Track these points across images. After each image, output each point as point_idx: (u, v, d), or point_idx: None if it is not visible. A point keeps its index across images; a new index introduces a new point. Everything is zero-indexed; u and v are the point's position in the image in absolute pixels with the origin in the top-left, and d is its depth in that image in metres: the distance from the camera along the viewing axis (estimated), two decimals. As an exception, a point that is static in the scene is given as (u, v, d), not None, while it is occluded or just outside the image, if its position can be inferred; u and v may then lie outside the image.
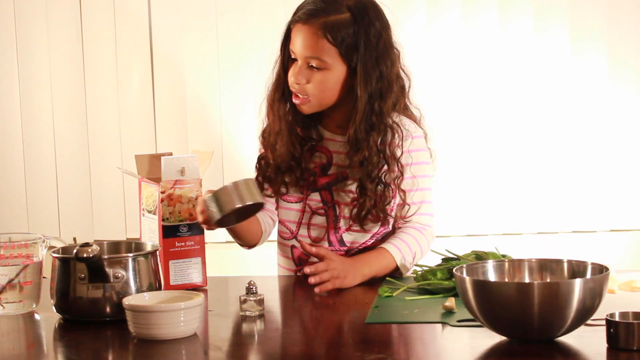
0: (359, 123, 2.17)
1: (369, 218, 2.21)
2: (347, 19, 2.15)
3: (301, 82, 2.17)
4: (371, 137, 2.18)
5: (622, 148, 3.25)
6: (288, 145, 2.23)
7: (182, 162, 2.11)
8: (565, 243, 3.27)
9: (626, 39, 3.22)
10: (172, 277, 2.09)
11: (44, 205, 3.32)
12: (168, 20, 3.27)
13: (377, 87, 2.17)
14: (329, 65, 2.16)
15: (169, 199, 2.09)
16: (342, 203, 2.25)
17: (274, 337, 1.75)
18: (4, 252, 1.92)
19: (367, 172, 2.19)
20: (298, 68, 2.18)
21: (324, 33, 2.14)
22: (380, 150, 2.18)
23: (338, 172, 2.25)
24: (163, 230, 2.09)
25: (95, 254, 1.79)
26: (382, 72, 2.18)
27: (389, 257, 2.18)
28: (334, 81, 2.18)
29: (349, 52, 2.15)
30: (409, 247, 2.20)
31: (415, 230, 2.24)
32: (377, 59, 2.17)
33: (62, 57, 3.28)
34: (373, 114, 2.17)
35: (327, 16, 2.14)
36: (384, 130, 2.19)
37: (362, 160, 2.18)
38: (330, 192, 2.26)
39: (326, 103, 2.21)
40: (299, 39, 2.16)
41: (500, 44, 3.23)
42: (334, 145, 2.26)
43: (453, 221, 3.27)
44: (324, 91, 2.18)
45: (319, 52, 2.15)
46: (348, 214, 2.24)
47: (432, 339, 1.71)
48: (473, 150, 3.26)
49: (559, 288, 1.55)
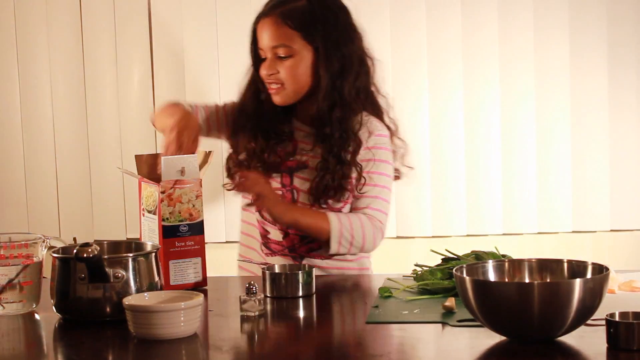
0: (322, 100, 2.28)
1: (328, 193, 2.28)
2: (304, 4, 2.28)
3: (273, 71, 2.29)
4: (333, 114, 2.28)
5: (622, 148, 3.24)
6: (251, 142, 2.34)
7: (182, 162, 2.11)
8: (565, 243, 3.27)
9: (626, 40, 3.22)
10: (172, 277, 2.09)
11: (44, 205, 3.32)
12: (168, 20, 3.27)
13: (339, 66, 2.28)
14: (295, 50, 2.27)
15: (169, 199, 2.09)
16: (300, 190, 2.32)
17: (274, 337, 1.75)
18: (4, 252, 1.92)
19: (328, 147, 2.28)
20: (268, 61, 2.30)
21: (284, 20, 2.27)
22: (341, 127, 2.28)
23: (300, 160, 2.34)
24: (163, 230, 2.09)
25: (95, 254, 1.79)
26: (342, 52, 2.29)
27: (325, 221, 2.24)
28: (304, 66, 2.29)
29: (311, 34, 2.27)
30: (351, 225, 2.25)
31: (365, 217, 2.29)
32: (337, 40, 2.28)
33: (62, 57, 3.28)
34: (335, 90, 2.28)
35: (286, 5, 2.28)
36: (345, 107, 2.29)
37: (324, 136, 2.28)
38: (290, 176, 2.34)
39: (300, 91, 2.31)
40: (263, 33, 2.29)
41: (500, 45, 3.23)
42: (300, 135, 2.36)
43: (453, 221, 3.27)
44: (295, 77, 2.29)
45: (283, 39, 2.27)
46: (305, 200, 2.31)
47: (432, 339, 1.71)
48: (473, 150, 3.26)
49: (559, 288, 1.55)
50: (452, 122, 3.26)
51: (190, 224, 2.12)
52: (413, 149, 3.30)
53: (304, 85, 2.30)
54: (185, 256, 2.11)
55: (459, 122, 3.26)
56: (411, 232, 3.30)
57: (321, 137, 2.30)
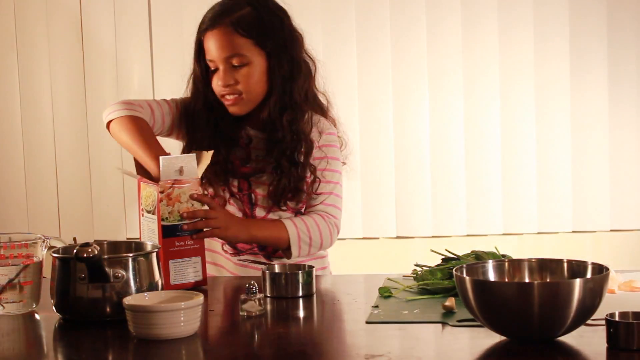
0: (273, 105, 2.29)
1: (286, 196, 2.30)
2: (250, 11, 2.28)
3: (229, 82, 2.28)
4: (284, 117, 2.30)
5: (622, 148, 3.24)
6: (213, 154, 2.28)
7: (180, 161, 2.11)
8: (565, 243, 3.27)
9: (626, 40, 3.22)
10: (172, 276, 2.09)
11: (44, 205, 3.32)
12: (168, 20, 3.27)
13: (289, 70, 2.30)
14: (249, 58, 2.27)
15: (168, 199, 2.09)
16: (259, 194, 2.34)
17: (274, 337, 1.75)
18: (4, 252, 1.92)
19: (281, 150, 2.29)
20: (222, 72, 2.29)
21: (235, 29, 2.26)
22: (292, 130, 2.30)
23: (256, 166, 2.35)
24: (162, 230, 2.09)
25: (95, 254, 1.79)
26: (291, 55, 2.31)
27: (282, 229, 2.26)
28: (259, 72, 2.29)
29: (262, 40, 2.28)
30: (307, 227, 2.28)
31: (318, 216, 2.31)
32: (285, 43, 2.30)
33: (62, 57, 3.28)
34: (285, 94, 2.30)
35: (232, 14, 2.27)
36: (295, 110, 2.31)
37: (276, 140, 2.29)
38: (247, 181, 2.35)
39: (257, 98, 2.32)
40: (214, 45, 2.28)
41: (501, 45, 3.23)
42: (253, 141, 2.36)
43: (453, 221, 3.27)
44: (253, 84, 2.29)
45: (237, 49, 2.27)
46: (264, 204, 2.33)
47: (432, 339, 1.71)
48: (473, 151, 3.26)
49: (559, 288, 1.55)
50: (452, 122, 3.27)
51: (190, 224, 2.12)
52: (413, 150, 3.32)
53: (261, 92, 2.31)
54: (185, 255, 2.11)
55: (459, 123, 3.26)
56: (411, 232, 3.30)
57: (273, 142, 2.31)
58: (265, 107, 2.31)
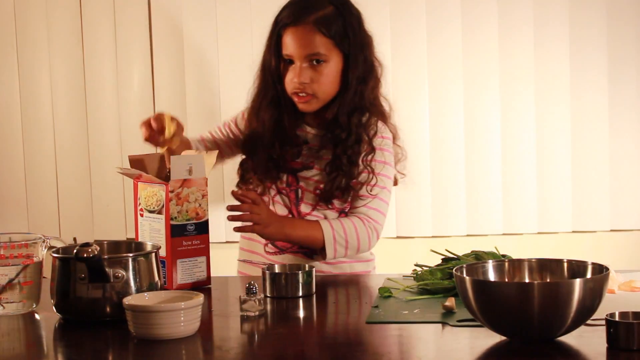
0: (344, 106, 2.30)
1: (336, 195, 2.30)
2: (333, 11, 2.28)
3: (306, 81, 2.28)
4: (352, 119, 2.30)
5: (622, 148, 3.24)
6: (269, 150, 2.33)
7: (190, 161, 2.12)
8: (565, 243, 3.27)
9: (626, 40, 3.22)
10: (179, 275, 2.10)
11: (44, 205, 3.32)
12: (168, 20, 3.27)
13: (362, 71, 2.31)
14: (327, 57, 2.28)
15: (177, 198, 2.10)
16: (305, 189, 2.33)
17: (274, 337, 1.75)
18: (4, 252, 1.92)
19: (343, 149, 2.29)
20: (299, 69, 2.28)
21: (318, 28, 2.26)
22: (358, 132, 2.30)
23: (306, 161, 2.35)
24: (171, 230, 2.09)
25: (95, 254, 1.79)
26: (365, 56, 2.32)
27: (318, 230, 2.25)
28: (334, 72, 2.29)
29: (341, 41, 2.28)
30: (344, 229, 2.26)
31: (358, 219, 2.30)
32: (362, 44, 2.31)
33: (62, 57, 3.28)
34: (356, 96, 2.30)
35: (316, 12, 2.27)
36: (363, 112, 2.31)
37: (340, 139, 2.29)
38: (295, 177, 2.35)
39: (330, 96, 2.32)
40: (295, 41, 2.28)
41: (500, 45, 3.23)
42: (309, 138, 2.36)
43: (453, 221, 3.27)
44: (328, 84, 2.29)
45: (318, 47, 2.27)
46: (310, 200, 2.33)
47: (432, 339, 1.71)
48: (473, 151, 3.26)
49: (559, 288, 1.55)
50: (452, 122, 3.26)
51: (197, 223, 2.13)
52: (413, 150, 3.30)
53: (332, 92, 2.31)
54: (192, 255, 2.13)
55: (459, 123, 3.26)
56: (411, 232, 3.30)
57: (335, 140, 2.30)
58: (333, 107, 2.31)
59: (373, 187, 2.32)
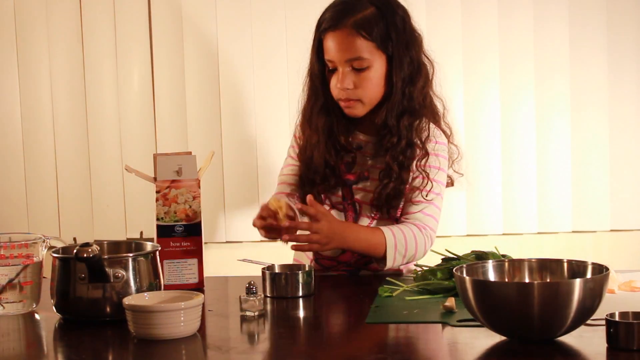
0: (392, 109, 2.22)
1: (390, 202, 2.23)
2: (374, 12, 2.21)
3: (349, 86, 2.21)
4: (401, 122, 2.22)
5: (622, 148, 3.24)
6: (325, 156, 2.25)
7: (178, 161, 2.09)
8: (565, 243, 3.27)
9: (626, 40, 3.22)
10: (166, 276, 2.08)
11: (44, 205, 3.32)
12: (168, 20, 3.27)
13: (408, 72, 2.23)
14: (370, 61, 2.21)
15: (164, 199, 2.08)
16: (362, 202, 2.27)
17: (274, 337, 1.75)
18: (4, 252, 1.92)
19: (393, 155, 2.22)
20: (342, 74, 2.21)
21: (358, 31, 2.19)
22: (409, 136, 2.22)
23: (360, 171, 2.28)
24: (157, 230, 2.08)
25: (95, 254, 1.79)
26: (411, 56, 2.24)
27: (380, 238, 2.17)
28: (378, 75, 2.22)
29: (384, 43, 2.20)
30: (405, 238, 2.19)
31: (416, 227, 2.23)
32: (407, 44, 2.23)
33: (62, 57, 3.28)
34: (404, 98, 2.23)
35: (355, 15, 2.19)
36: (414, 114, 2.24)
37: (390, 145, 2.22)
38: (350, 190, 2.28)
39: (376, 100, 2.25)
40: (335, 46, 2.20)
41: (500, 45, 3.23)
42: (363, 147, 2.30)
43: (453, 221, 3.27)
44: (372, 89, 2.23)
45: (359, 52, 2.19)
46: (368, 212, 2.26)
47: (432, 339, 1.71)
48: (473, 151, 3.26)
49: (559, 288, 1.55)
50: (452, 122, 3.26)
51: (187, 225, 2.10)
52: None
53: (378, 96, 2.24)
54: (180, 257, 2.10)
55: (459, 123, 3.26)
56: (411, 232, 3.30)
57: (385, 146, 2.23)
58: (381, 111, 2.23)
59: (428, 193, 2.25)
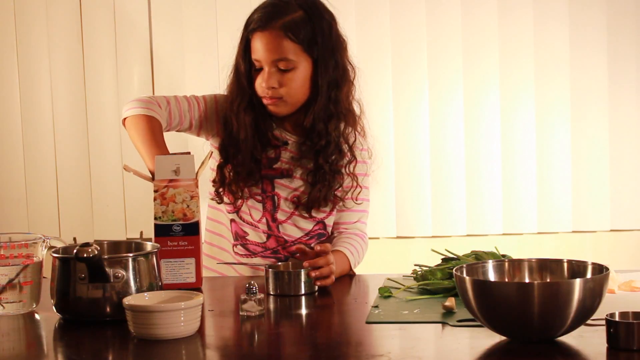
0: (318, 112, 2.27)
1: (318, 203, 2.30)
2: (302, 15, 2.25)
3: (274, 85, 2.26)
4: (329, 126, 2.28)
5: (622, 148, 3.25)
6: (252, 151, 2.29)
7: (176, 161, 2.10)
8: (565, 243, 3.27)
9: (626, 40, 3.22)
10: (163, 275, 2.08)
11: (44, 205, 3.32)
12: (168, 20, 3.27)
13: (334, 76, 2.27)
14: (296, 63, 2.25)
15: (162, 198, 2.09)
16: (281, 196, 2.32)
17: (274, 337, 1.75)
18: (4, 252, 1.92)
19: (323, 159, 2.28)
20: (267, 74, 2.26)
21: (285, 33, 2.23)
22: (335, 138, 2.29)
23: (283, 168, 2.33)
24: (155, 229, 2.08)
25: (95, 254, 1.79)
26: (337, 60, 2.28)
27: (347, 260, 2.28)
28: (303, 78, 2.26)
29: (310, 46, 2.25)
30: (357, 252, 2.32)
31: (359, 238, 2.36)
32: (332, 49, 2.27)
33: (62, 57, 3.29)
34: (330, 102, 2.28)
35: (284, 17, 2.24)
36: (340, 118, 2.29)
37: (320, 147, 2.28)
38: (271, 183, 2.33)
39: (299, 101, 2.29)
40: (262, 46, 2.25)
41: (500, 45, 3.23)
42: (288, 144, 2.34)
43: (453, 221, 3.27)
44: (297, 89, 2.27)
45: (285, 53, 2.24)
46: (286, 208, 2.32)
47: (432, 339, 1.71)
48: (473, 151, 3.27)
49: (559, 288, 1.55)
50: (452, 122, 3.27)
51: (184, 224, 2.10)
52: (414, 150, 3.32)
53: (302, 98, 2.28)
54: (178, 256, 2.10)
55: (459, 122, 3.26)
56: (411, 232, 3.31)
57: (315, 149, 2.29)
58: (309, 114, 2.28)
59: (358, 199, 2.35)
